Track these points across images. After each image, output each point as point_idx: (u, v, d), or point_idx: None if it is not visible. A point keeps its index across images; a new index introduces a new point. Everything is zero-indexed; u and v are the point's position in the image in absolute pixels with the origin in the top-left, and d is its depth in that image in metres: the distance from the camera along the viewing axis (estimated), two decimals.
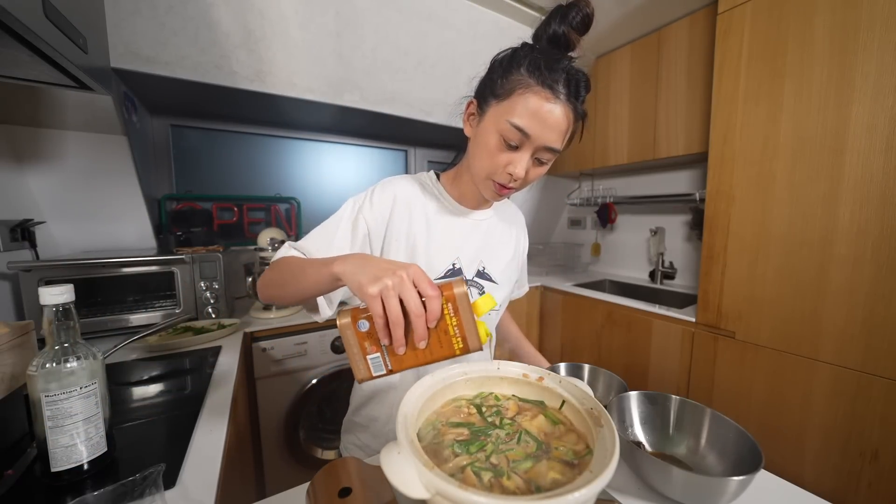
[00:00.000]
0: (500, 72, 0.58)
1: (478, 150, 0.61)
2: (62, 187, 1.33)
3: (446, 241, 0.68)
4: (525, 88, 0.55)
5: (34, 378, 0.50)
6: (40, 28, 0.54)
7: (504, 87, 0.57)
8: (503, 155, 0.58)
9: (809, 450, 1.19)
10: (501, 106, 0.56)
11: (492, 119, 0.58)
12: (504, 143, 0.57)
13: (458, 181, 0.71)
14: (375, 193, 0.66)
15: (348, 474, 0.44)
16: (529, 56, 0.56)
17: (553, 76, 0.54)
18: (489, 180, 0.61)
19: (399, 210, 0.66)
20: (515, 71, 0.56)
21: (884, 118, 1.03)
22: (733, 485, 0.47)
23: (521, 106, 0.55)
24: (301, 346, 1.39)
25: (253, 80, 1.43)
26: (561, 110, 0.55)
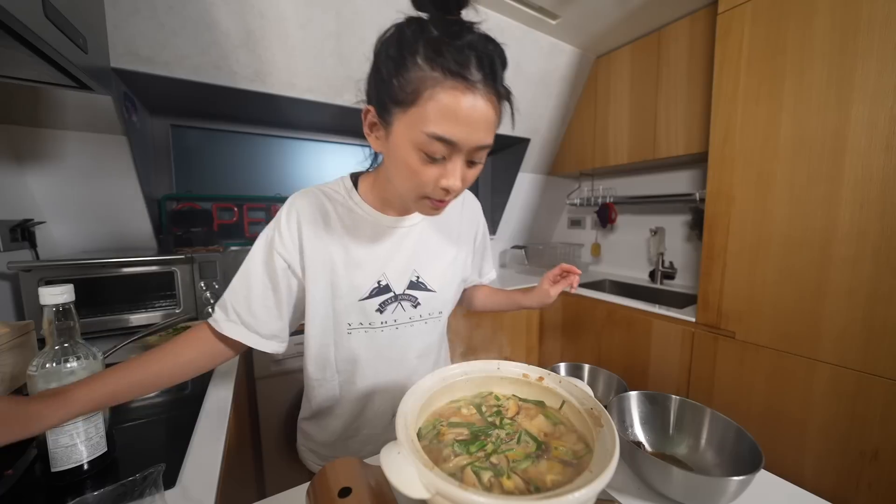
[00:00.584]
0: (392, 68, 0.46)
1: (397, 170, 0.51)
2: (62, 187, 1.33)
3: (368, 258, 0.62)
4: (432, 87, 0.43)
5: (34, 378, 0.50)
6: (40, 28, 0.54)
7: (405, 89, 0.45)
8: (430, 170, 0.48)
9: (809, 450, 1.19)
10: (409, 115, 0.46)
11: (402, 132, 0.47)
12: (427, 157, 0.47)
13: (378, 187, 0.63)
14: (282, 221, 0.59)
15: (348, 474, 0.44)
16: (422, 38, 0.44)
17: (461, 60, 0.43)
18: (421, 198, 0.52)
19: (307, 234, 0.59)
20: (412, 65, 0.44)
21: (884, 118, 1.03)
22: (733, 485, 0.47)
23: (433, 111, 0.44)
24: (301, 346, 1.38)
25: (253, 81, 1.42)
26: (483, 102, 0.45)
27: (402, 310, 0.65)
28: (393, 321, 0.64)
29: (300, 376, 1.40)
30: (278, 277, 0.60)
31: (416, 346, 0.68)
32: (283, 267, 0.60)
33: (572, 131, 2.33)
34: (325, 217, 0.61)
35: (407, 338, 0.66)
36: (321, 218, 0.61)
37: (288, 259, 0.60)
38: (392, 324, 0.64)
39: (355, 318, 0.62)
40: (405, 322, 0.65)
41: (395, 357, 0.67)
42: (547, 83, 2.06)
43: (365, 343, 0.64)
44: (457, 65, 0.43)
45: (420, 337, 0.68)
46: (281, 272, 0.60)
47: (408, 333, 0.66)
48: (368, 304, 0.62)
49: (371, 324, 0.63)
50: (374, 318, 0.63)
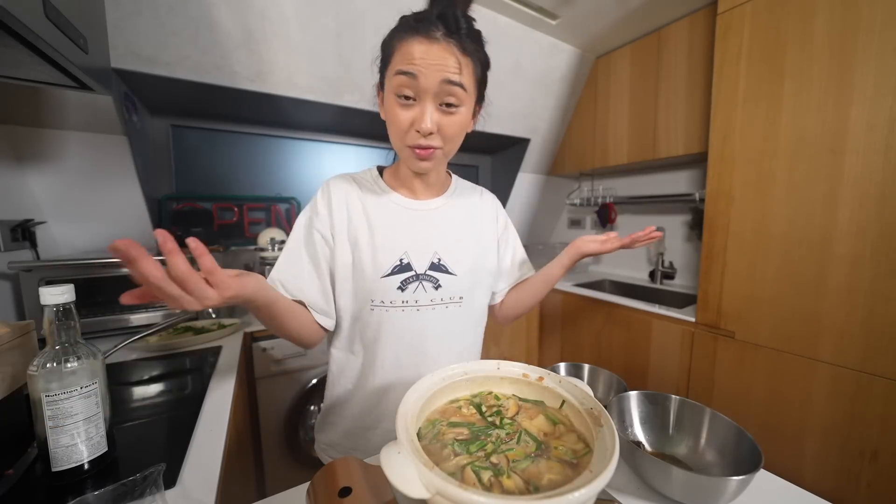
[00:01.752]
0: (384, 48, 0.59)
1: (389, 124, 0.60)
2: (63, 187, 1.33)
3: (391, 236, 0.65)
4: (401, 42, 0.54)
5: (35, 378, 0.50)
6: (41, 28, 0.54)
7: (388, 55, 0.57)
8: (406, 113, 0.56)
9: (809, 449, 1.19)
10: (389, 69, 0.57)
11: (388, 87, 0.57)
12: (402, 101, 0.55)
13: (398, 171, 0.69)
14: (318, 200, 0.66)
15: (348, 474, 0.44)
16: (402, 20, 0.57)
17: (424, 22, 0.54)
18: (405, 147, 0.59)
19: (338, 209, 0.65)
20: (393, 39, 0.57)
21: (883, 118, 1.03)
22: (733, 484, 0.47)
23: (400, 56, 0.54)
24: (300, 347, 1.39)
25: (253, 81, 1.43)
26: (441, 46, 0.53)
27: (423, 290, 0.66)
28: (414, 301, 0.65)
29: (300, 376, 1.41)
30: (318, 253, 0.64)
31: (435, 331, 0.68)
32: (320, 240, 0.64)
33: (572, 131, 2.33)
34: (355, 196, 0.66)
35: (427, 321, 0.67)
36: (351, 196, 0.66)
37: (323, 232, 0.65)
38: (413, 304, 0.65)
39: (378, 296, 0.64)
40: (426, 304, 0.66)
41: (415, 342, 0.67)
42: (547, 83, 2.06)
43: (386, 322, 0.65)
44: (416, 22, 0.54)
45: (440, 322, 0.68)
46: (319, 247, 0.64)
47: (428, 317, 0.67)
48: (390, 280, 0.64)
49: (392, 302, 0.64)
50: (395, 297, 0.64)
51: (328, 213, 0.65)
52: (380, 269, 0.64)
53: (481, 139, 2.28)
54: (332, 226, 0.65)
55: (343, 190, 0.66)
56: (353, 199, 0.66)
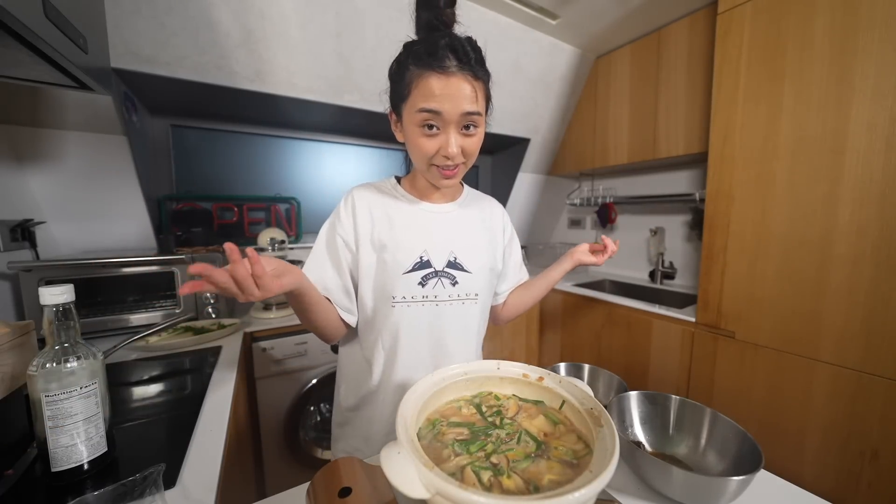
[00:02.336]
0: (396, 79, 0.63)
1: (412, 148, 0.64)
2: (62, 187, 1.33)
3: (411, 236, 0.70)
4: (418, 78, 0.58)
5: (34, 378, 0.50)
6: (40, 28, 0.54)
7: (405, 88, 0.61)
8: (431, 142, 0.61)
9: (809, 450, 1.19)
10: (408, 103, 0.61)
11: (408, 118, 0.62)
12: (426, 130, 0.60)
13: (416, 180, 0.74)
14: (341, 208, 0.71)
15: (348, 474, 0.44)
16: (411, 51, 0.61)
17: (436, 56, 0.57)
18: (432, 167, 0.64)
19: (361, 215, 0.69)
20: (406, 71, 0.60)
21: (883, 118, 1.03)
22: (733, 485, 0.47)
23: (421, 93, 0.58)
24: (301, 346, 1.39)
25: (253, 80, 1.43)
26: (457, 78, 0.58)
27: (441, 286, 0.70)
28: (434, 297, 0.70)
29: (300, 376, 1.41)
30: (340, 256, 0.69)
31: (453, 325, 0.72)
32: (342, 244, 0.69)
33: (572, 131, 2.33)
34: (377, 200, 0.72)
35: (446, 316, 0.71)
36: (373, 201, 0.71)
37: (345, 237, 0.69)
38: (433, 300, 0.70)
39: (399, 292, 0.68)
40: (445, 300, 0.71)
41: (434, 337, 0.71)
42: (547, 83, 2.06)
43: (407, 317, 0.69)
44: (429, 57, 0.57)
45: (457, 318, 0.72)
46: (341, 251, 0.69)
47: (446, 312, 0.71)
48: (411, 277, 0.68)
49: (413, 297, 0.69)
50: (416, 292, 0.69)
51: (352, 220, 0.70)
52: (401, 267, 0.68)
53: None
54: (356, 231, 0.69)
55: (365, 197, 0.71)
56: (375, 204, 0.71)
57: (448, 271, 0.71)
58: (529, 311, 2.16)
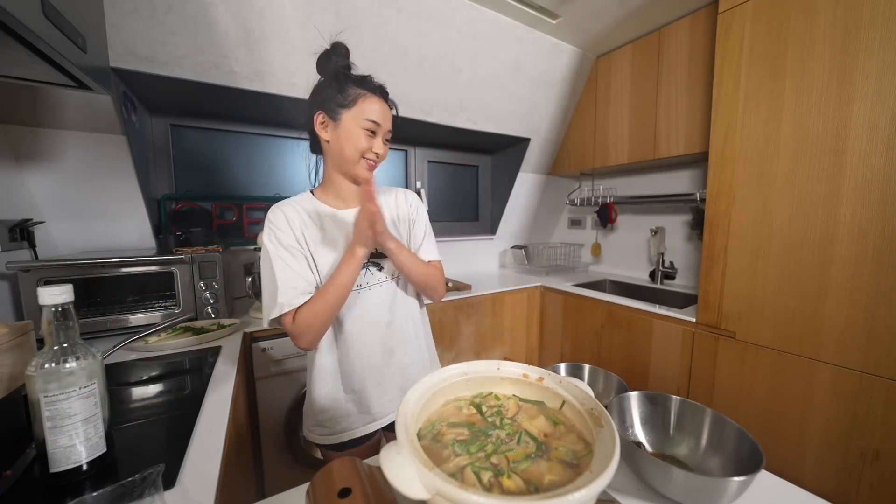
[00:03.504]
0: (335, 89, 0.78)
1: (346, 142, 0.78)
2: (61, 187, 1.32)
3: (336, 238, 0.82)
4: (364, 97, 0.78)
5: (33, 378, 0.50)
6: (39, 28, 0.54)
7: (347, 98, 0.77)
8: (367, 141, 0.78)
9: (810, 450, 1.19)
10: (353, 110, 0.77)
11: (350, 119, 0.77)
12: (366, 132, 0.78)
13: (330, 188, 0.85)
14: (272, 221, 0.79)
15: (348, 474, 0.44)
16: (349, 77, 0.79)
17: (377, 88, 0.80)
18: (363, 160, 0.79)
19: (294, 225, 0.80)
20: (348, 87, 0.78)
21: (885, 118, 1.03)
22: (734, 485, 0.47)
23: (368, 107, 0.77)
24: None
25: (252, 80, 1.42)
26: (386, 108, 0.80)
27: (371, 273, 0.85)
28: (366, 283, 0.84)
29: (300, 376, 1.41)
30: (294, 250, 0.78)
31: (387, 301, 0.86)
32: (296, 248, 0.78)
33: (572, 131, 2.33)
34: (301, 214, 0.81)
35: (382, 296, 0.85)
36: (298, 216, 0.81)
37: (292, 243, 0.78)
38: (366, 285, 0.84)
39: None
40: (375, 283, 0.85)
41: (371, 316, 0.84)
42: (547, 83, 2.06)
43: (348, 304, 0.81)
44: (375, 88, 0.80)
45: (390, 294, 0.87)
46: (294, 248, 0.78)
47: (381, 292, 0.85)
48: None
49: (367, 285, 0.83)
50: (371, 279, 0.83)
51: (287, 226, 0.79)
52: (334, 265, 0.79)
53: (481, 139, 2.28)
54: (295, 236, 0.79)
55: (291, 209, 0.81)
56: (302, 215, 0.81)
57: (373, 260, 0.85)
58: (529, 311, 2.16)
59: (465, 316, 1.87)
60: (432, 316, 1.74)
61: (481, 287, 1.98)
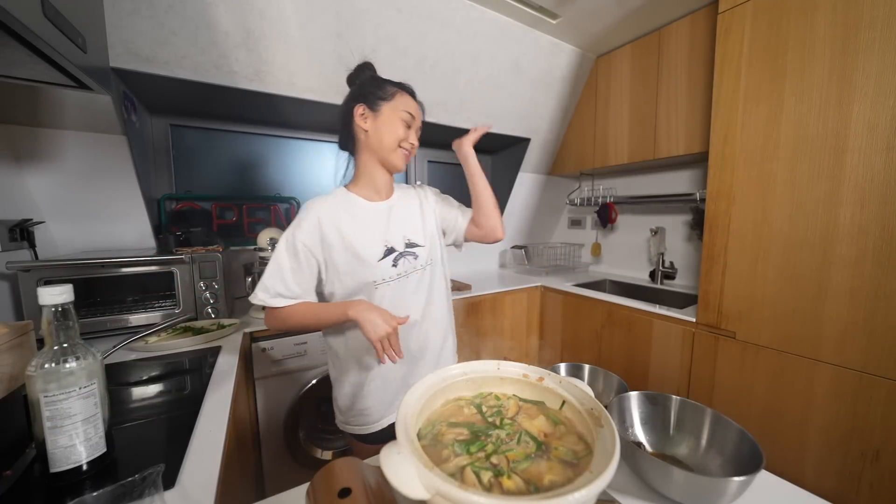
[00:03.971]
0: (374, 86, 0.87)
1: (385, 132, 0.85)
2: (61, 187, 1.32)
3: (372, 230, 0.86)
4: (401, 94, 0.87)
5: (33, 378, 0.50)
6: (39, 27, 0.54)
7: (386, 93, 0.85)
8: (404, 131, 0.86)
9: (810, 450, 1.19)
10: (392, 103, 0.85)
11: (389, 110, 0.85)
12: (404, 123, 0.85)
13: (362, 183, 0.90)
14: (302, 219, 0.83)
15: (348, 474, 0.44)
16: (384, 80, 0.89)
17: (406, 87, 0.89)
18: (399, 149, 0.86)
19: (326, 222, 0.83)
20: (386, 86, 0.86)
21: (885, 117, 1.03)
22: (734, 485, 0.47)
23: (404, 102, 0.86)
24: (301, 346, 1.39)
25: (252, 80, 1.42)
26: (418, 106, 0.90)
27: (407, 262, 0.89)
28: (405, 272, 0.88)
29: (300, 376, 1.41)
30: (301, 260, 0.82)
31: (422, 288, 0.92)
32: (304, 252, 0.82)
33: (572, 131, 2.33)
34: (338, 208, 0.86)
35: (420, 283, 0.91)
36: (334, 209, 0.85)
37: (308, 244, 0.82)
38: (405, 274, 0.88)
39: (379, 275, 0.85)
40: (412, 271, 0.89)
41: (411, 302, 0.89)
42: (547, 83, 2.06)
43: (389, 293, 0.86)
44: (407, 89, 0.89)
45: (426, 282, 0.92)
46: (303, 256, 0.82)
47: (414, 279, 0.90)
48: (385, 262, 0.86)
49: (391, 277, 0.86)
50: (392, 273, 0.86)
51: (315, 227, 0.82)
52: (375, 256, 0.84)
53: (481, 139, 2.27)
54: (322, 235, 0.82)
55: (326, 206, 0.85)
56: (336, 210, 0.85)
57: (408, 250, 0.89)
58: (529, 311, 2.17)
59: (465, 316, 1.87)
60: None
61: (481, 287, 1.98)
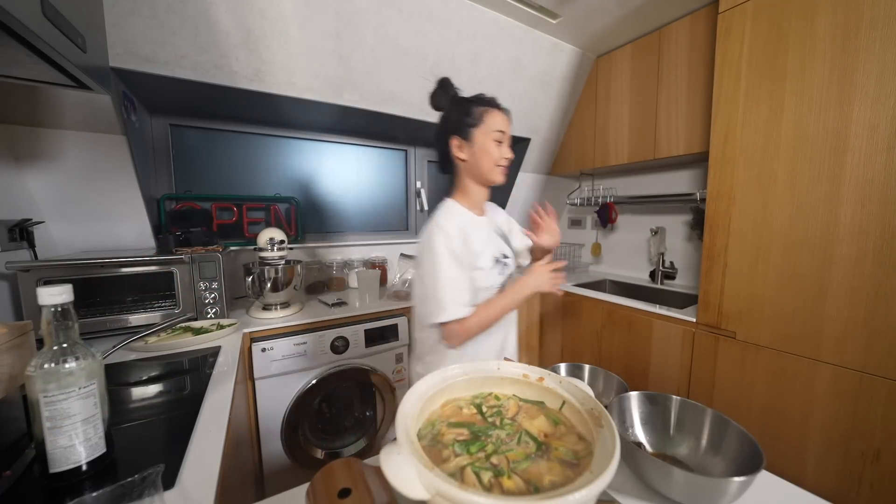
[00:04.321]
0: (462, 113, 0.91)
1: (482, 157, 0.91)
2: (61, 187, 1.32)
3: (484, 241, 0.96)
4: (488, 113, 0.91)
5: (33, 378, 0.50)
6: (39, 27, 0.54)
7: (474, 118, 0.90)
8: (498, 150, 0.91)
9: (811, 450, 1.19)
10: (482, 127, 0.90)
11: (481, 136, 0.91)
12: (496, 143, 0.91)
13: (466, 198, 0.98)
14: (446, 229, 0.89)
15: (348, 474, 0.44)
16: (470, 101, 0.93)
17: (493, 102, 0.93)
18: (497, 167, 0.92)
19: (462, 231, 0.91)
20: (472, 109, 0.91)
21: (885, 117, 1.03)
22: (734, 485, 0.47)
23: (493, 120, 0.90)
24: (301, 346, 1.39)
25: (252, 80, 1.42)
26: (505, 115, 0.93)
27: (504, 272, 0.99)
28: (505, 276, 1.00)
29: (300, 376, 1.41)
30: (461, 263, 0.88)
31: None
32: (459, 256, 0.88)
33: (572, 131, 2.33)
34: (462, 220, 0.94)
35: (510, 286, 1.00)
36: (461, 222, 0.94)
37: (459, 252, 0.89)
38: (503, 282, 0.99)
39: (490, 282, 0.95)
40: (505, 280, 1.00)
41: None
42: (547, 82, 2.06)
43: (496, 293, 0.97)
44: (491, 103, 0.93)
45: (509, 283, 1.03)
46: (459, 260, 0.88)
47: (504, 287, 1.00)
48: (494, 270, 0.96)
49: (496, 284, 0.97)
50: (497, 281, 0.97)
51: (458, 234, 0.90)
52: (488, 265, 0.94)
53: None
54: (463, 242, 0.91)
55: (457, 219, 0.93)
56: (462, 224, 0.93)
57: (504, 260, 0.99)
58: (529, 311, 2.16)
59: None
60: None
61: None
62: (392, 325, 1.59)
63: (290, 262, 1.52)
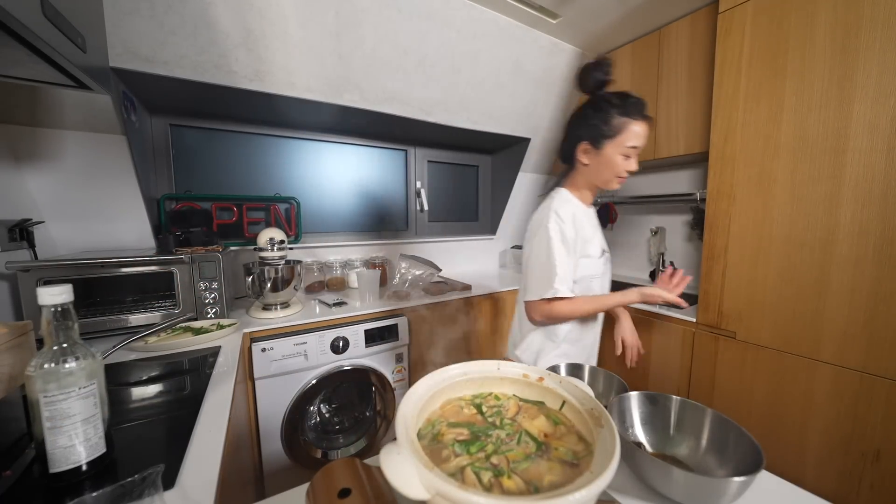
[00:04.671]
0: (600, 120, 0.89)
1: (605, 169, 0.93)
2: (61, 187, 1.32)
3: (592, 231, 1.00)
4: (628, 124, 0.87)
5: (33, 378, 0.50)
6: (39, 27, 0.54)
7: (612, 129, 0.88)
8: (623, 164, 0.91)
9: (811, 450, 1.19)
10: (616, 140, 0.89)
11: (611, 149, 0.90)
12: (623, 157, 0.90)
13: (577, 190, 1.01)
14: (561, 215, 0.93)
15: (348, 475, 0.44)
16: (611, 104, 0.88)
17: (639, 110, 0.88)
18: (616, 178, 0.93)
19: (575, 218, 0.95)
20: (613, 118, 0.88)
21: (886, 118, 1.03)
22: (734, 486, 0.47)
23: (630, 134, 0.88)
24: (301, 346, 1.39)
25: (252, 80, 1.42)
26: (647, 125, 0.90)
27: (607, 263, 1.05)
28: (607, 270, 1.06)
29: (300, 376, 1.41)
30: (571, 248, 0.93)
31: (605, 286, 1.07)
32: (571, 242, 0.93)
33: None
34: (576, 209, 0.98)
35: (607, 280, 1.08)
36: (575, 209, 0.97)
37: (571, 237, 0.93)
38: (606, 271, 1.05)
39: (599, 271, 1.01)
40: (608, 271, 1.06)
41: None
42: (547, 82, 2.06)
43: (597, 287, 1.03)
44: (639, 113, 0.88)
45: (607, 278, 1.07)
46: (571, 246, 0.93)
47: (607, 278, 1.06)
48: (602, 260, 1.02)
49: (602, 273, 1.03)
50: (604, 269, 1.03)
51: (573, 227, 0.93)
52: (597, 254, 1.00)
53: (481, 139, 2.28)
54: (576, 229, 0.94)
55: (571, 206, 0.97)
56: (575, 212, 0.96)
57: (606, 253, 1.05)
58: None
59: (465, 316, 1.87)
60: (432, 316, 1.74)
61: (481, 287, 1.98)
62: (392, 325, 1.59)
63: (290, 262, 1.52)
